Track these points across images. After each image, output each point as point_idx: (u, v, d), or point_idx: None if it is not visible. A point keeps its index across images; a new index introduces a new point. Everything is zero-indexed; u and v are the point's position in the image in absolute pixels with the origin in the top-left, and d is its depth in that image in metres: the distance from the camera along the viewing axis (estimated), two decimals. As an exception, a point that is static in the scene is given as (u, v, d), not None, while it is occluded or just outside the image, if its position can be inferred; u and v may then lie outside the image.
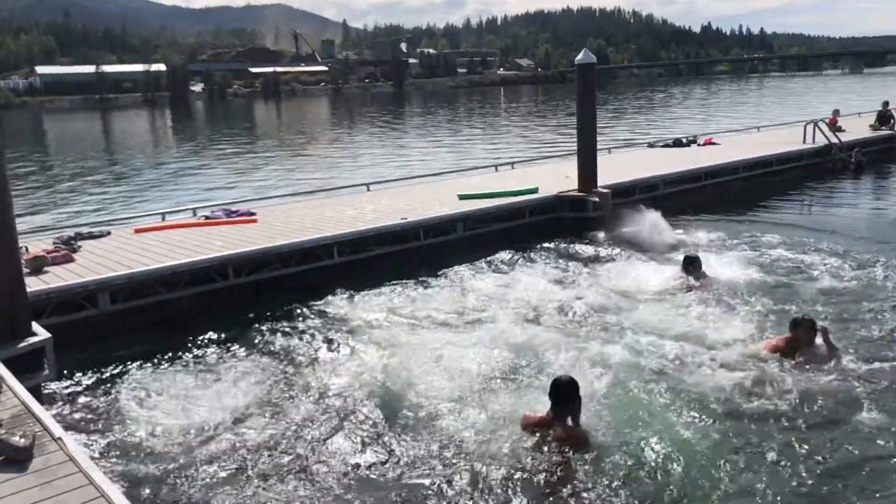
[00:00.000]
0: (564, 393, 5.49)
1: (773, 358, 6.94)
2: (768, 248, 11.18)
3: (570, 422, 5.47)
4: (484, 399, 6.40)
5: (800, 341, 6.97)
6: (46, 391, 6.80)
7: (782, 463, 5.35)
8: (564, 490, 5.00)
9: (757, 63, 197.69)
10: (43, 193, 22.86)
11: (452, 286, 9.98)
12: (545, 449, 5.36)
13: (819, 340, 6.99)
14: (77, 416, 6.59)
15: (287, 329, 8.57)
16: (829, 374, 6.65)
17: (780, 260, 10.52)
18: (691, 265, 9.48)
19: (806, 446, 5.54)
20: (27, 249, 9.27)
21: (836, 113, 21.87)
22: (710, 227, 12.62)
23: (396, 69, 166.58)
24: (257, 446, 5.84)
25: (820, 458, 5.40)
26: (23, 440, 4.43)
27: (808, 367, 6.76)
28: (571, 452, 5.30)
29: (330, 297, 9.44)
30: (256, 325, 8.69)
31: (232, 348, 8.07)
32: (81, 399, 6.94)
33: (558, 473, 5.14)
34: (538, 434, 5.47)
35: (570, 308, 8.73)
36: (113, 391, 7.02)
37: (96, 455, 5.68)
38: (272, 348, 8.01)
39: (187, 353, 7.92)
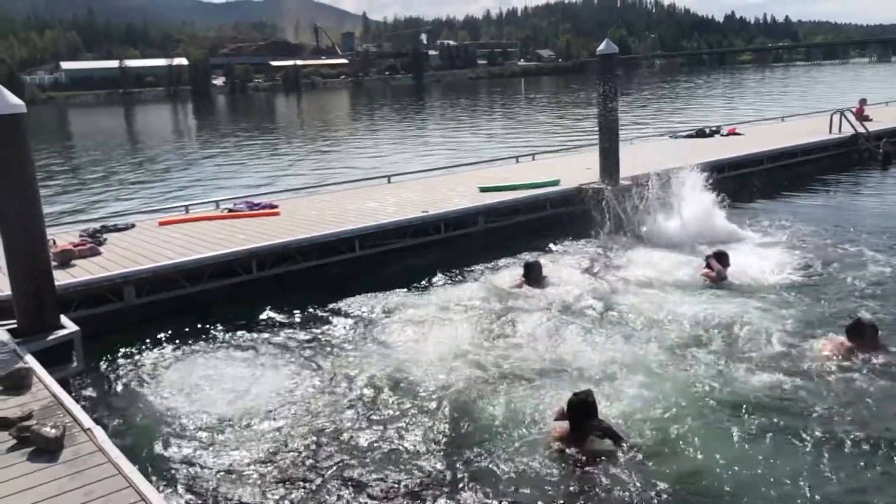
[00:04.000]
0: (577, 411, 5.42)
1: (837, 361, 6.64)
2: (794, 242, 11.02)
3: (591, 439, 5.33)
4: (507, 397, 6.36)
5: (863, 345, 6.75)
6: (75, 383, 6.90)
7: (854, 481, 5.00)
8: None
9: (781, 52, 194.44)
10: (69, 187, 23.16)
11: (474, 279, 9.99)
12: (560, 463, 5.27)
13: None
14: (105, 407, 6.72)
15: (310, 322, 8.64)
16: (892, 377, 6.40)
17: (807, 253, 10.35)
18: (719, 259, 9.37)
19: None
20: (55, 243, 9.41)
21: (863, 102, 21.46)
22: (734, 219, 12.45)
23: (416, 61, 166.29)
24: (282, 437, 5.91)
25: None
26: (53, 431, 4.53)
27: (874, 371, 6.48)
28: (583, 470, 5.17)
29: (351, 291, 9.47)
30: (280, 319, 8.77)
31: (256, 341, 8.14)
32: (109, 391, 7.07)
33: (563, 489, 5.04)
34: (556, 447, 5.42)
35: (596, 302, 8.66)
36: (140, 383, 7.14)
37: (124, 445, 5.75)
38: (295, 341, 8.07)
39: (211, 346, 8.02)
